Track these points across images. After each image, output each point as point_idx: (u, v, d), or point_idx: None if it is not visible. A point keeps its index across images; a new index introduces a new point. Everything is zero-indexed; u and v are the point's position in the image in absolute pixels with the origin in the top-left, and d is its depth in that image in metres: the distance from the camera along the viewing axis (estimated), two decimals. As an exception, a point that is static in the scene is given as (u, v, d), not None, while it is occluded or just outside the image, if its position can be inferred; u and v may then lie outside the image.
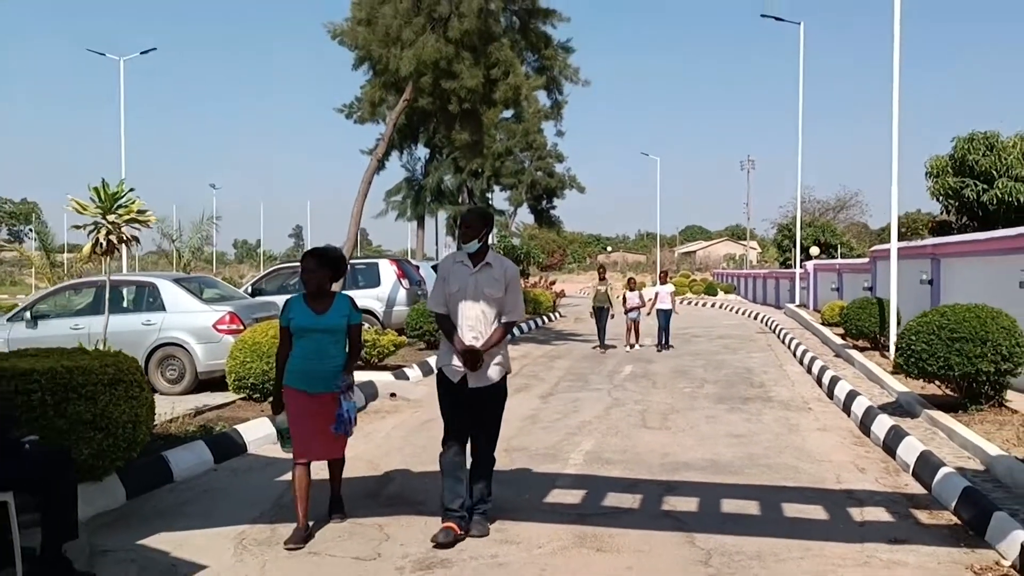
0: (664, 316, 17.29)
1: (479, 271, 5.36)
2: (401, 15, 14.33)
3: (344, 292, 5.78)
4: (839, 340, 16.23)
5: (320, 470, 5.76)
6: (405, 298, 16.62)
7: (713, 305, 37.42)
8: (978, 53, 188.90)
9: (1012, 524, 5.03)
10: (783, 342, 18.43)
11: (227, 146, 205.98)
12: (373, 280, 16.61)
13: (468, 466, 5.41)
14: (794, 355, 15.85)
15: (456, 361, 5.30)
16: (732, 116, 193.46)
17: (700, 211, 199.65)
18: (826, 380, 11.75)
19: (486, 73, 14.54)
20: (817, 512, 5.95)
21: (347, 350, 5.51)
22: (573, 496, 6.38)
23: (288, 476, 6.01)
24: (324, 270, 5.42)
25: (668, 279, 19.02)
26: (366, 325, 12.96)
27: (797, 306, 26.19)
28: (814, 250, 36.84)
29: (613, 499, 6.28)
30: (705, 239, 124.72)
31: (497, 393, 5.43)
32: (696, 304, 38.85)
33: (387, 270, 16.80)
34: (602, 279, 18.02)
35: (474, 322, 5.31)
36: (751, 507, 6.09)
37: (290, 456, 5.45)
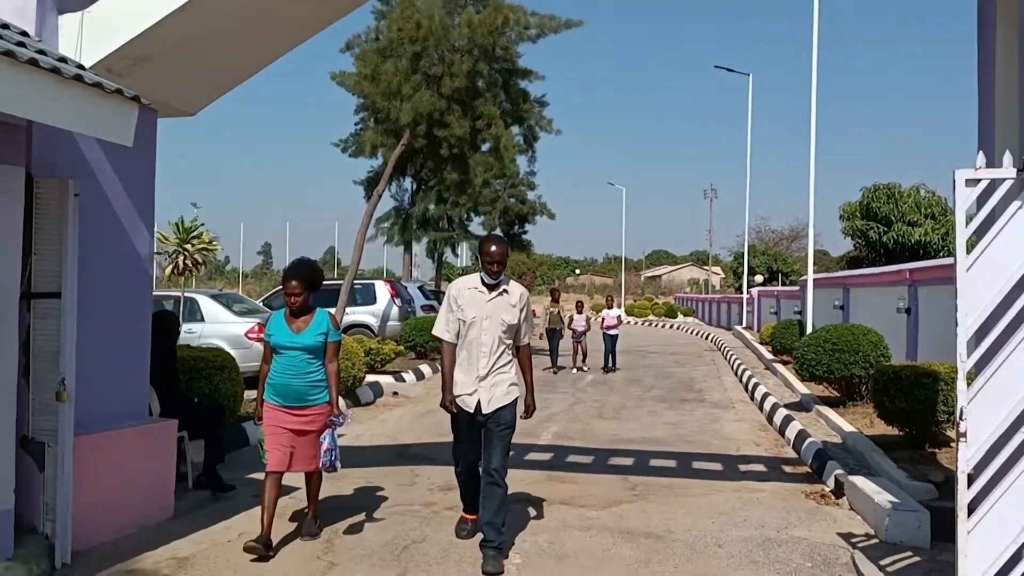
0: (610, 340, 17.70)
1: (496, 297, 5.30)
2: (401, 72, 16.86)
3: (326, 310, 5.74)
4: (769, 355, 18.93)
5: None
6: (397, 314, 19.01)
7: (671, 326, 40.20)
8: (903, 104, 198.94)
9: (836, 467, 7.58)
10: (725, 358, 21.08)
11: (209, 163, 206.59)
12: (370, 298, 19.00)
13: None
14: (732, 368, 18.49)
15: (469, 389, 5.29)
16: (697, 147, 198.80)
17: (666, 237, 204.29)
18: (751, 386, 14.38)
19: (472, 124, 17.13)
20: (715, 466, 8.48)
21: (325, 372, 5.51)
22: (545, 456, 8.83)
23: (339, 437, 8.38)
24: (306, 292, 5.45)
25: (614, 304, 19.35)
26: (366, 337, 15.37)
27: (744, 328, 29.01)
28: (758, 278, 39.98)
29: (573, 458, 8.75)
30: (671, 263, 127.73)
31: (511, 413, 5.33)
32: (656, 325, 41.63)
33: (382, 290, 19.22)
34: (554, 301, 18.54)
35: (489, 349, 5.25)
36: (670, 463, 8.61)
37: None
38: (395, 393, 13.53)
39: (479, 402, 5.27)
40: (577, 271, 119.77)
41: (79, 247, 5.05)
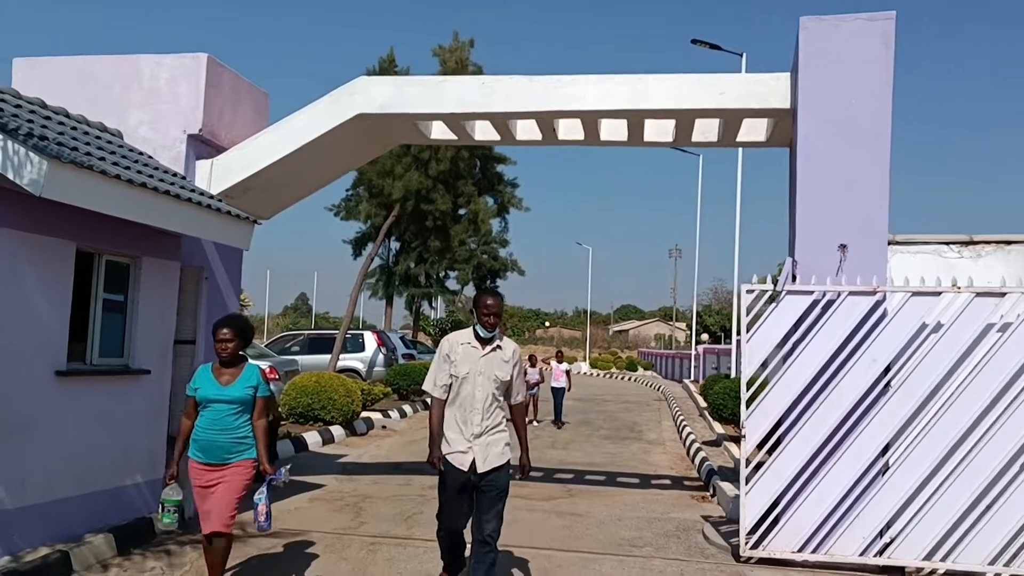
0: (558, 394, 18.02)
1: (490, 353, 5.18)
2: (394, 155, 19.90)
3: (256, 364, 5.63)
4: (704, 403, 21.84)
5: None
6: (383, 360, 21.75)
7: (630, 379, 43.11)
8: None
9: (716, 479, 10.43)
10: (669, 407, 23.97)
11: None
12: (359, 347, 21.74)
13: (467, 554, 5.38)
14: (672, 415, 21.37)
15: (462, 447, 5.11)
16: (664, 208, 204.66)
17: (634, 292, 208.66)
18: (682, 428, 17.25)
19: (454, 200, 20.17)
20: (634, 480, 11.29)
21: (253, 430, 5.36)
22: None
23: (346, 457, 11.10)
24: (237, 340, 5.36)
25: (563, 359, 19.36)
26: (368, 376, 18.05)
27: (691, 381, 32.01)
28: (704, 336, 43.25)
29: (530, 475, 11.51)
30: (638, 319, 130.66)
31: (506, 477, 5.23)
32: (617, 378, 44.53)
33: (369, 339, 21.99)
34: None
35: (483, 406, 5.11)
36: (601, 477, 11.42)
37: (166, 530, 5.91)
38: (384, 427, 16.23)
39: (474, 461, 5.08)
40: (547, 323, 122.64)
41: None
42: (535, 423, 17.78)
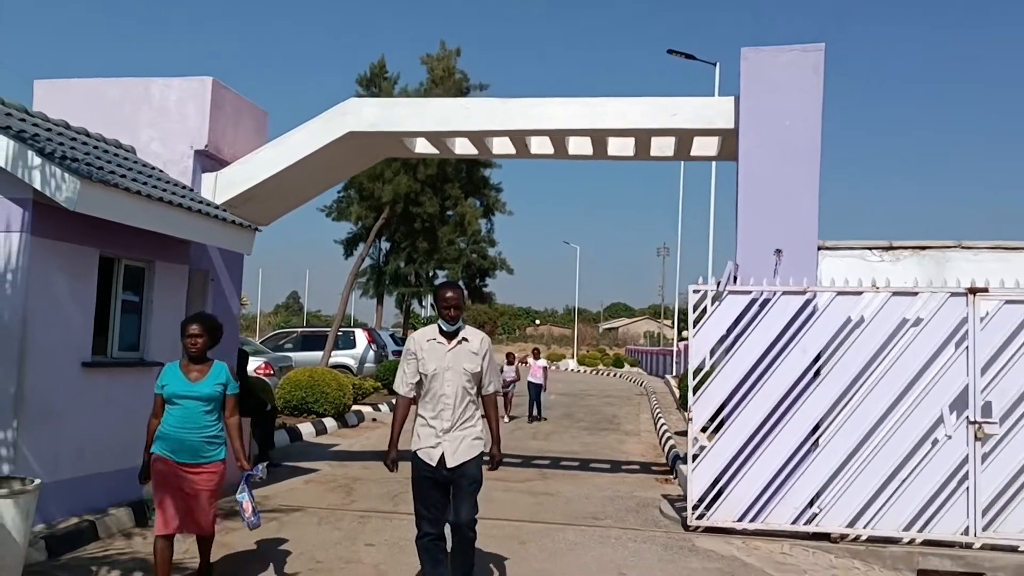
0: (535, 389, 18.16)
1: (456, 347, 5.14)
2: (384, 160, 20.75)
3: (223, 362, 5.53)
4: (680, 397, 22.79)
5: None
6: (373, 357, 22.61)
7: (616, 375, 44.06)
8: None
9: (681, 464, 11.33)
10: (649, 401, 24.90)
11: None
12: (350, 344, 22.60)
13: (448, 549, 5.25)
14: (650, 408, 22.29)
15: (432, 442, 5.08)
16: (653, 208, 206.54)
17: (624, 290, 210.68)
18: (657, 421, 18.17)
19: (441, 203, 21.05)
20: (606, 465, 12.19)
21: (224, 428, 5.34)
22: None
23: (337, 446, 11.97)
24: (207, 336, 5.29)
25: (540, 355, 19.43)
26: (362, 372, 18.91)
27: (673, 376, 32.97)
28: (686, 333, 44.13)
29: (506, 460, 12.40)
30: (628, 316, 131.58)
31: (477, 468, 5.16)
32: (603, 374, 45.48)
33: (360, 336, 22.87)
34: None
35: (453, 401, 5.06)
36: (575, 463, 12.31)
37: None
38: (374, 419, 17.10)
39: (443, 455, 5.04)
40: (537, 321, 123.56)
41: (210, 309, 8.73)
42: (505, 419, 17.48)
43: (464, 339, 5.19)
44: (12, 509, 5.17)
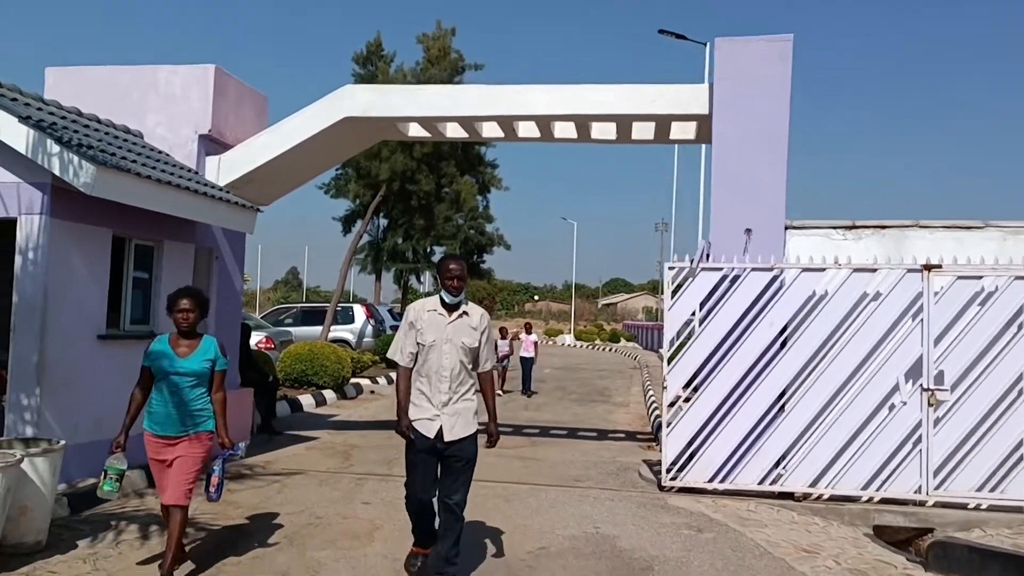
0: (527, 364, 18.54)
1: (456, 320, 5.11)
2: (380, 139, 21.19)
3: (213, 337, 5.45)
4: (672, 371, 23.38)
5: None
6: (371, 331, 23.18)
7: (612, 350, 44.69)
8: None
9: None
10: (641, 374, 25.49)
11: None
12: (349, 319, 23.16)
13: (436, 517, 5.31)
14: (641, 381, 22.89)
15: (429, 415, 5.07)
16: (652, 183, 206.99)
17: (623, 266, 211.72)
18: (647, 393, 18.76)
19: (437, 181, 21.49)
20: (593, 434, 12.78)
21: (209, 401, 5.27)
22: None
23: (337, 416, 12.55)
24: (197, 310, 5.21)
25: (532, 330, 19.73)
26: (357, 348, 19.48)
27: (665, 350, 33.51)
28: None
29: (500, 431, 12.97)
30: (627, 292, 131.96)
31: (473, 443, 5.18)
32: (600, 349, 46.11)
33: (359, 311, 23.43)
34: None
35: (450, 374, 5.05)
36: (563, 432, 12.90)
37: (106, 498, 5.84)
38: (372, 392, 17.69)
39: (440, 428, 5.06)
40: (536, 297, 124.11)
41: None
42: (500, 393, 17.45)
43: (465, 313, 5.17)
44: (42, 466, 5.74)
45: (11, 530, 5.54)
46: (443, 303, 5.13)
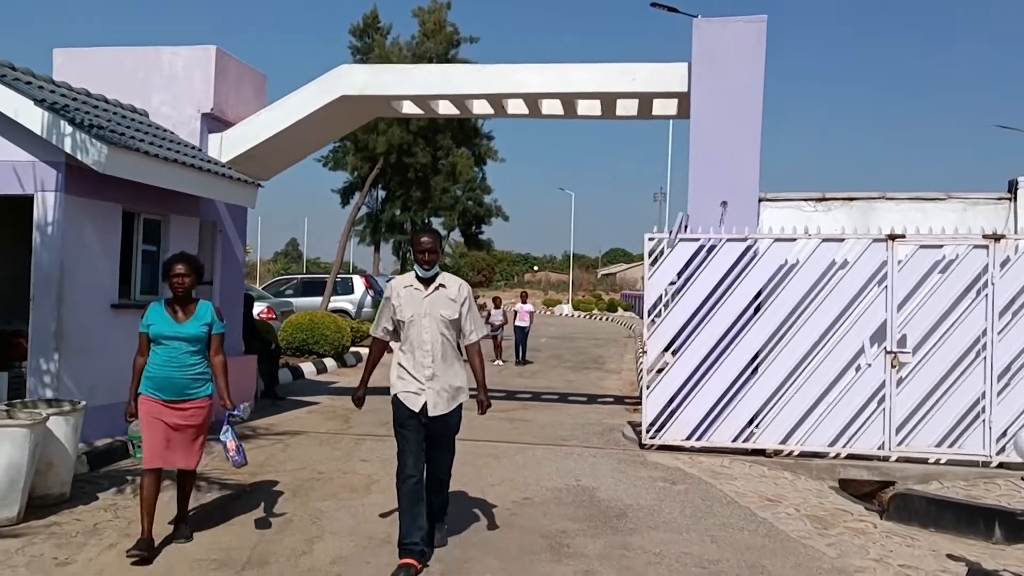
0: (521, 332, 18.71)
1: (433, 293, 5.09)
2: (377, 112, 21.57)
3: (209, 301, 5.51)
4: (665, 339, 23.91)
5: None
6: (370, 302, 23.69)
7: (609, 319, 45.24)
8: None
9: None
10: (635, 342, 26.03)
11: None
12: (349, 289, 23.67)
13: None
14: (635, 349, 23.43)
15: (414, 388, 5.09)
16: (651, 153, 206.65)
17: (622, 236, 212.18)
18: (639, 359, 19.29)
19: (434, 153, 21.89)
20: (583, 398, 13.32)
21: (209, 366, 5.35)
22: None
23: (337, 383, 13.07)
24: (192, 276, 5.26)
25: (527, 299, 19.90)
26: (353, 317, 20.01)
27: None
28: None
29: (493, 396, 13.52)
30: (627, 261, 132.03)
31: (457, 418, 5.24)
32: (597, 318, 46.65)
33: (358, 282, 23.94)
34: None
35: (431, 348, 5.05)
36: (555, 396, 13.43)
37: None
38: (371, 360, 18.23)
39: (425, 404, 5.08)
40: (535, 268, 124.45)
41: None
42: (500, 363, 18.31)
43: (441, 285, 5.14)
44: (65, 425, 6.26)
45: (39, 483, 6.06)
46: (418, 277, 5.14)
